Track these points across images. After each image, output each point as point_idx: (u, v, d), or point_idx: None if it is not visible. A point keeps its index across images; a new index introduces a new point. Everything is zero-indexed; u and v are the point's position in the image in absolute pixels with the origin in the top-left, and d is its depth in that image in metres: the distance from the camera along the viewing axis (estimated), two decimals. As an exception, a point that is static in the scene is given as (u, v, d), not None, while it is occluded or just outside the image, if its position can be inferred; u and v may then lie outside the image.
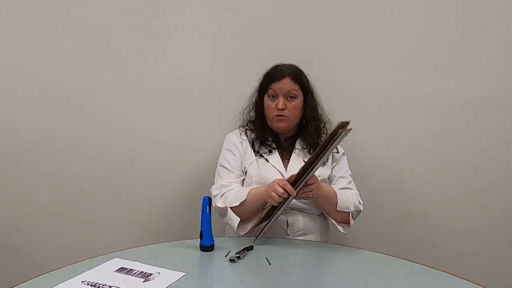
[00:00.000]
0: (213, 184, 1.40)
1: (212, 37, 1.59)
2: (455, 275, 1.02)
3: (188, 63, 1.60)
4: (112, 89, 1.59)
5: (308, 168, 1.15)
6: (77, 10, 1.53)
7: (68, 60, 1.55)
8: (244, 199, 1.26)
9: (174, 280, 0.95)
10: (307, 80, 1.43)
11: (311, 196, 1.22)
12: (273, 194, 1.17)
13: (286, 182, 1.19)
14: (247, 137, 1.44)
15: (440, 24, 1.57)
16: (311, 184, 1.21)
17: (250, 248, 1.14)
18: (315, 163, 1.13)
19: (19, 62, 1.54)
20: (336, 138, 1.08)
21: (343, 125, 1.06)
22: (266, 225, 1.22)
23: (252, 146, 1.41)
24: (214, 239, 1.14)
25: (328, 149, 1.11)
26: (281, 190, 1.16)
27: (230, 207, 1.28)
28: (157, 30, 1.57)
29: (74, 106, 1.58)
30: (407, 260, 1.11)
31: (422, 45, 1.58)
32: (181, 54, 1.59)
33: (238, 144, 1.42)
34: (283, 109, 1.36)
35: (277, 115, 1.37)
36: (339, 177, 1.44)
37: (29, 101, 1.56)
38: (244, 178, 1.40)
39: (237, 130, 1.48)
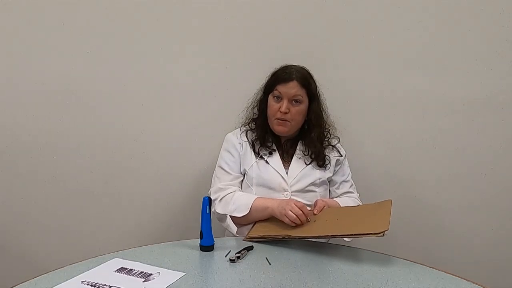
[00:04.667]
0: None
1: (214, 38, 1.59)
2: (455, 275, 1.02)
3: (189, 64, 1.60)
4: (113, 89, 1.59)
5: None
6: (78, 10, 1.53)
7: (69, 61, 1.55)
8: (246, 213, 1.27)
9: (174, 280, 0.95)
10: (315, 85, 1.41)
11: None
12: (290, 213, 1.18)
13: (304, 205, 1.21)
14: (247, 139, 1.43)
15: (440, 24, 1.57)
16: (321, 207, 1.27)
17: (250, 248, 1.14)
18: (333, 236, 1.14)
19: (19, 62, 1.54)
20: (362, 235, 1.08)
21: (377, 232, 1.06)
22: (267, 239, 1.21)
23: (253, 147, 1.41)
24: (214, 239, 1.14)
25: (349, 236, 1.13)
26: (300, 212, 1.18)
27: (230, 216, 1.29)
28: (158, 30, 1.57)
29: (75, 106, 1.58)
30: (407, 260, 1.10)
31: (422, 46, 1.58)
32: (183, 54, 1.59)
33: (237, 145, 1.42)
34: (286, 113, 1.35)
35: (278, 118, 1.37)
36: (342, 182, 1.45)
37: (30, 101, 1.56)
38: (243, 180, 1.40)
39: (238, 130, 1.48)
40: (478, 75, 1.58)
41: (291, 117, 1.36)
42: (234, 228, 1.30)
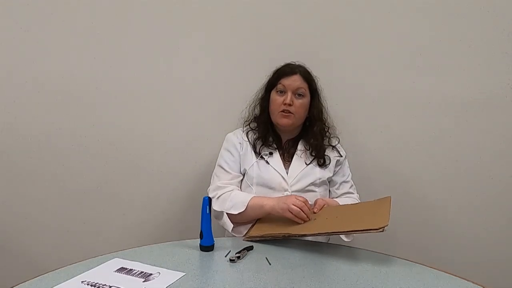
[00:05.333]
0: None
1: (214, 38, 1.59)
2: (455, 275, 1.02)
3: (190, 64, 1.60)
4: (113, 89, 1.59)
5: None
6: (79, 10, 1.53)
7: (69, 61, 1.55)
8: (243, 210, 1.27)
9: (174, 280, 0.95)
10: (316, 82, 1.44)
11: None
12: (293, 206, 1.19)
13: (306, 200, 1.22)
14: (248, 139, 1.43)
15: (441, 24, 1.57)
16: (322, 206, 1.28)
17: (250, 248, 1.14)
18: (334, 232, 1.15)
19: (20, 62, 1.54)
20: (362, 231, 1.08)
21: (376, 228, 1.06)
22: (267, 238, 1.21)
23: (253, 147, 1.41)
24: (214, 239, 1.14)
25: (349, 232, 1.16)
26: (302, 204, 1.19)
27: (227, 213, 1.29)
28: (159, 30, 1.57)
29: (75, 106, 1.58)
30: (407, 260, 1.11)
31: (422, 46, 1.58)
32: (183, 54, 1.59)
33: (237, 145, 1.42)
34: (290, 105, 1.36)
35: (283, 111, 1.38)
36: (342, 182, 1.45)
37: (30, 101, 1.56)
38: (242, 179, 1.40)
39: (239, 130, 1.48)
40: (478, 75, 1.58)
41: (294, 110, 1.38)
42: (230, 226, 1.29)
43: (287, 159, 1.42)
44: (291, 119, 1.38)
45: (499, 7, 1.54)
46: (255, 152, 1.40)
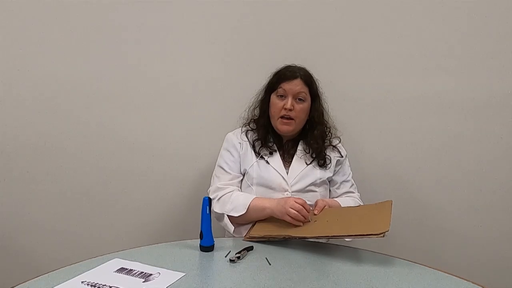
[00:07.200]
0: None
1: (214, 38, 1.59)
2: (455, 275, 1.02)
3: (190, 64, 1.60)
4: (113, 89, 1.59)
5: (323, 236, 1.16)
6: (77, 11, 1.53)
7: (69, 62, 1.55)
8: (244, 212, 1.27)
9: (174, 280, 0.95)
10: (316, 84, 1.43)
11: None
12: (291, 210, 1.18)
13: (304, 201, 1.21)
14: (248, 139, 1.43)
15: (441, 24, 1.57)
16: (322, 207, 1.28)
17: (250, 248, 1.14)
18: (333, 236, 1.15)
19: (19, 63, 1.53)
20: (363, 236, 1.08)
21: (377, 233, 1.06)
22: (267, 239, 1.21)
23: (253, 147, 1.41)
24: (214, 239, 1.14)
25: (349, 237, 1.14)
26: (300, 206, 1.18)
27: (228, 215, 1.29)
28: (158, 30, 1.57)
29: (75, 107, 1.58)
30: (407, 260, 1.10)
31: (423, 46, 1.58)
32: (183, 54, 1.59)
33: (237, 145, 1.41)
34: (290, 110, 1.35)
35: (283, 117, 1.37)
36: (342, 182, 1.45)
37: (30, 102, 1.56)
38: (242, 180, 1.40)
39: (239, 129, 1.48)
40: (478, 75, 1.58)
41: (295, 115, 1.37)
42: (231, 228, 1.30)
43: (287, 159, 1.42)
44: (292, 125, 1.38)
45: (501, 8, 1.54)
46: (255, 152, 1.40)
